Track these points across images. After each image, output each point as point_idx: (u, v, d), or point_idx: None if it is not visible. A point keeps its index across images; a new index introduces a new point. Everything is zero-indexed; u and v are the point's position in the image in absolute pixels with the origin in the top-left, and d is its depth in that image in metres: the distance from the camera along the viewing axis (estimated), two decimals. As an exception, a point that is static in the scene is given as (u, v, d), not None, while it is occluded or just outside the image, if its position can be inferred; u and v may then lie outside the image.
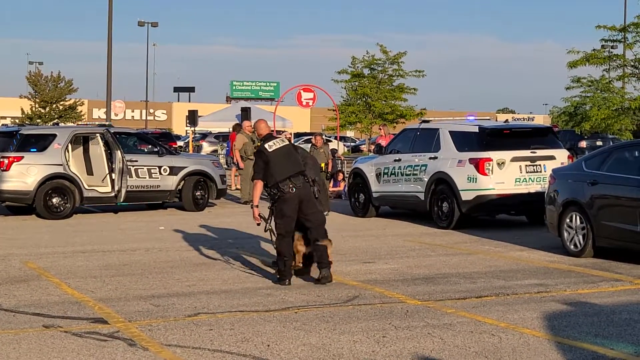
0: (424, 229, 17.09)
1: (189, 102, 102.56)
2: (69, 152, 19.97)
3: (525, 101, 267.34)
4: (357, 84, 42.58)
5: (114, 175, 19.91)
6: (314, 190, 11.05)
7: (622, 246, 12.47)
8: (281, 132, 22.84)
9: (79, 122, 63.61)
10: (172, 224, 17.93)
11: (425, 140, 18.10)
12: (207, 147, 52.93)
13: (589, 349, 7.55)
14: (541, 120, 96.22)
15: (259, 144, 11.50)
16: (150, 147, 21.70)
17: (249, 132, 22.16)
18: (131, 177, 19.93)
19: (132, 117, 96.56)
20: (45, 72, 69.21)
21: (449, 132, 17.53)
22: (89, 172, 20.64)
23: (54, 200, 19.20)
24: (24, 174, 19.02)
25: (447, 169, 17.05)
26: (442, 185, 17.16)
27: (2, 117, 78.51)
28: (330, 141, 26.75)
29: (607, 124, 36.86)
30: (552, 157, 16.78)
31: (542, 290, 10.37)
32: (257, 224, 11.10)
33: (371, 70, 42.54)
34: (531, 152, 16.78)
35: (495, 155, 16.49)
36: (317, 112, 73.38)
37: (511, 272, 11.75)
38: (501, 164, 16.47)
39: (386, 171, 18.91)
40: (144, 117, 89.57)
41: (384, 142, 21.32)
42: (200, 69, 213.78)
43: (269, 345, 7.72)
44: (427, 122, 19.09)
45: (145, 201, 20.99)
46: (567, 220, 13.13)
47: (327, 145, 26.89)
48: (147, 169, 20.32)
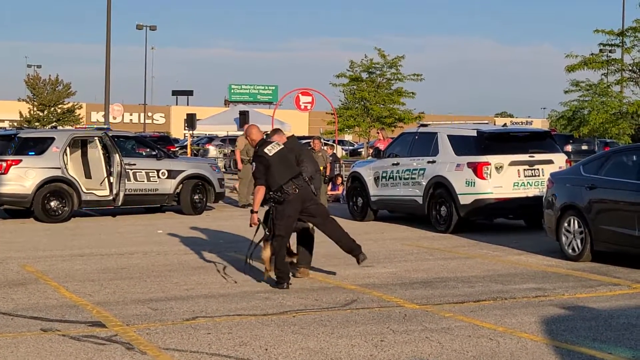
0: (422, 233, 17.10)
1: (187, 105, 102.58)
2: (67, 155, 19.96)
3: (523, 105, 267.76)
4: (355, 87, 42.57)
5: (112, 178, 19.90)
6: (312, 188, 11.30)
7: (620, 250, 12.48)
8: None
9: (77, 126, 63.57)
10: (171, 227, 17.92)
11: (423, 144, 18.11)
12: (213, 151, 52.44)
13: (587, 354, 7.55)
14: (539, 124, 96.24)
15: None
16: (148, 150, 21.69)
17: None
18: (129, 180, 19.93)
19: (131, 120, 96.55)
20: (43, 75, 69.09)
21: (447, 136, 17.54)
22: (87, 175, 20.64)
23: (52, 203, 19.19)
24: (22, 177, 19.00)
25: (445, 173, 17.06)
26: (440, 189, 17.17)
27: (0, 120, 78.48)
28: (332, 146, 26.69)
29: (605, 128, 36.90)
30: (550, 161, 16.79)
31: (540, 294, 10.37)
32: (251, 225, 11.22)
33: (369, 74, 42.53)
34: (529, 156, 16.79)
35: (493, 159, 16.50)
36: (316, 115, 73.40)
37: (509, 276, 11.75)
38: (499, 168, 16.48)
39: (384, 175, 18.92)
40: (142, 121, 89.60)
41: (382, 146, 21.33)
42: (198, 73, 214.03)
43: (267, 349, 7.72)
44: (426, 126, 19.10)
45: (143, 204, 20.99)
46: (565, 224, 13.14)
47: (333, 148, 26.91)
48: (146, 172, 20.31)
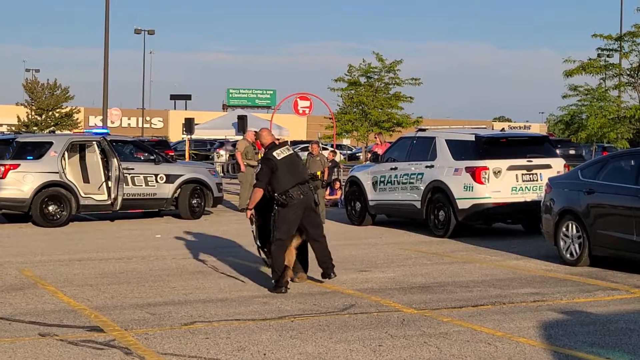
0: (420, 238, 17.10)
1: (186, 109, 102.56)
2: (65, 159, 19.96)
3: (521, 109, 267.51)
4: (353, 92, 42.55)
5: (110, 183, 19.91)
6: (315, 198, 11.42)
7: (618, 255, 12.48)
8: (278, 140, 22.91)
9: (75, 130, 63.57)
10: (169, 232, 17.92)
11: (421, 148, 18.12)
12: (225, 156, 51.74)
13: (585, 358, 7.56)
14: (537, 128, 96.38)
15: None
16: (146, 155, 21.70)
17: (250, 139, 22.48)
18: (127, 185, 19.93)
19: (129, 124, 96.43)
20: (41, 79, 69.11)
21: (446, 140, 17.55)
22: (86, 180, 20.64)
23: (50, 208, 19.19)
24: (20, 182, 19.01)
25: (443, 177, 17.07)
26: (438, 193, 17.18)
27: (-2, 125, 78.46)
28: (334, 152, 26.62)
29: (603, 133, 36.92)
30: (548, 166, 16.80)
31: (539, 299, 10.37)
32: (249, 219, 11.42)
33: (367, 78, 42.50)
34: (527, 161, 16.80)
35: (491, 164, 16.50)
36: (314, 120, 73.49)
37: (507, 280, 11.76)
38: (497, 173, 16.48)
39: (382, 179, 18.93)
40: (141, 125, 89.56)
41: (380, 151, 21.33)
42: (196, 77, 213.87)
43: (265, 354, 7.72)
44: (424, 130, 19.11)
45: (141, 209, 20.98)
46: (563, 229, 13.15)
47: (335, 154, 26.88)
48: (144, 176, 20.32)
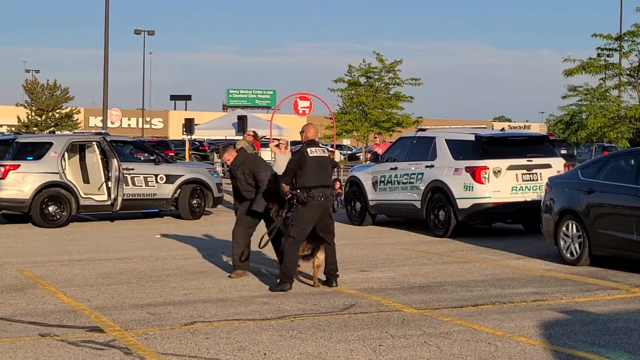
0: (420, 237, 17.10)
1: (186, 110, 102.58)
2: (65, 160, 19.97)
3: (521, 109, 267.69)
4: (353, 92, 42.59)
5: (110, 183, 19.91)
6: (334, 204, 11.27)
7: (618, 254, 12.48)
8: (278, 140, 22.89)
9: (75, 131, 63.57)
10: (169, 232, 17.93)
11: (421, 148, 18.12)
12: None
13: (586, 358, 7.55)
14: (537, 128, 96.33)
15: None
16: (146, 155, 21.70)
17: (248, 139, 22.46)
18: (127, 185, 19.94)
19: (129, 125, 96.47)
20: (41, 80, 69.13)
21: (446, 140, 17.55)
22: (86, 180, 20.65)
23: (50, 208, 19.20)
24: (20, 182, 19.02)
25: (443, 177, 17.07)
26: (438, 193, 17.18)
27: (-2, 125, 78.48)
28: (332, 151, 26.59)
29: (603, 133, 36.93)
30: (548, 166, 16.80)
31: (539, 298, 10.37)
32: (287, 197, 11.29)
33: (367, 78, 42.55)
34: (527, 161, 16.80)
35: (491, 163, 16.51)
36: (314, 120, 73.29)
37: (507, 280, 11.76)
38: (497, 173, 16.49)
39: (382, 179, 18.93)
40: (141, 126, 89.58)
41: (380, 151, 21.34)
42: (196, 77, 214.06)
43: (265, 354, 7.72)
44: (424, 130, 19.11)
45: (141, 209, 20.99)
46: (564, 228, 13.15)
47: (333, 153, 26.89)
48: (144, 177, 20.32)
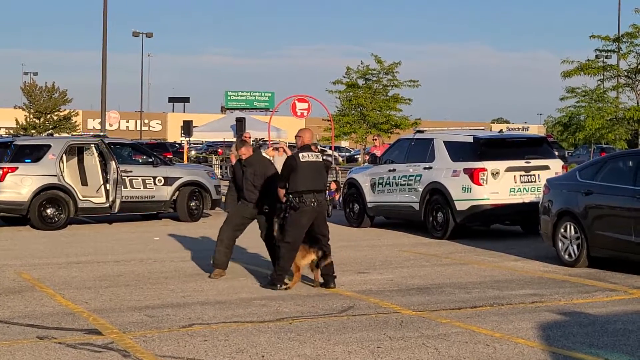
0: (418, 239, 17.10)
1: (184, 112, 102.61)
2: (63, 162, 19.96)
3: (519, 111, 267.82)
4: (351, 94, 42.52)
5: (108, 185, 19.89)
6: (328, 209, 11.39)
7: (616, 256, 12.49)
8: (276, 142, 22.93)
9: (73, 133, 63.55)
10: (167, 234, 17.92)
11: (419, 150, 18.12)
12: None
13: (584, 359, 7.55)
14: (536, 130, 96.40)
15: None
16: (144, 157, 21.70)
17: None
18: (126, 187, 19.92)
19: (127, 127, 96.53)
20: (40, 82, 69.18)
21: (444, 142, 17.56)
22: (84, 182, 20.63)
23: (49, 211, 19.18)
24: (18, 185, 19.00)
25: (441, 179, 17.07)
26: (436, 195, 17.18)
27: (-4, 128, 78.46)
28: (325, 151, 26.57)
29: (601, 134, 36.92)
30: (546, 167, 16.81)
31: (537, 300, 10.37)
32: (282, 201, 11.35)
33: (366, 80, 42.46)
34: (525, 162, 16.81)
35: (489, 165, 16.51)
36: (312, 122, 73.33)
37: (506, 282, 11.75)
38: (496, 174, 16.49)
39: (381, 181, 18.93)
40: (139, 128, 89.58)
41: (378, 152, 21.34)
42: (195, 79, 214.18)
43: (263, 356, 7.71)
44: (422, 132, 19.11)
45: (139, 212, 20.98)
46: (562, 230, 13.15)
47: (323, 153, 26.91)
48: (142, 179, 20.32)
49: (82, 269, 13.15)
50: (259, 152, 12.84)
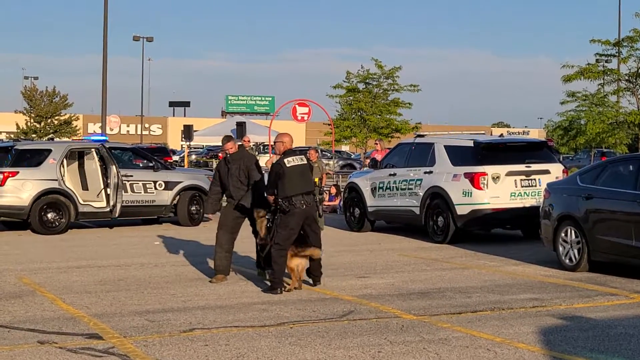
0: (419, 244, 17.10)
1: (185, 116, 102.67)
2: (64, 167, 19.97)
3: (520, 115, 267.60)
4: (352, 98, 42.53)
5: (109, 190, 19.90)
6: (318, 210, 11.65)
7: (617, 260, 12.48)
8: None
9: (73, 137, 63.58)
10: (168, 239, 17.91)
11: (420, 154, 18.13)
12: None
13: (585, 364, 7.56)
14: (536, 134, 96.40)
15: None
16: (145, 162, 21.70)
17: (246, 146, 22.43)
18: (126, 192, 19.93)
19: (128, 131, 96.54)
20: (40, 86, 69.25)
21: (444, 146, 17.56)
22: (84, 187, 20.64)
23: (49, 215, 19.19)
24: (19, 189, 19.01)
25: (442, 183, 17.07)
26: (437, 199, 17.18)
27: (-3, 132, 78.49)
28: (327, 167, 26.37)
29: (602, 138, 36.94)
30: (547, 172, 16.81)
31: (538, 304, 10.37)
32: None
33: (366, 84, 42.48)
34: (526, 167, 16.81)
35: (490, 169, 16.51)
36: (312, 126, 73.45)
37: (506, 286, 11.75)
38: (496, 178, 16.49)
39: (381, 186, 18.93)
40: (139, 132, 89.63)
41: (379, 157, 21.34)
42: (195, 84, 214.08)
43: (264, 360, 7.71)
44: (422, 136, 19.12)
45: (140, 216, 20.99)
46: (562, 234, 13.14)
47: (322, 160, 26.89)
48: (143, 183, 20.33)
49: (83, 273, 13.15)
50: (244, 147, 12.96)
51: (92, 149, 20.50)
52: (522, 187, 16.64)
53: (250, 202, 12.13)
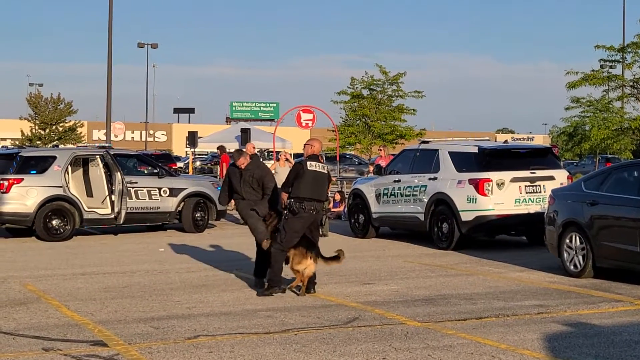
0: (423, 250, 17.09)
1: (189, 123, 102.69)
2: (68, 174, 20.00)
3: (524, 121, 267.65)
4: (356, 104, 42.54)
5: (113, 197, 19.92)
6: (323, 218, 11.71)
7: (622, 266, 12.46)
8: (280, 152, 22.95)
9: (78, 144, 63.65)
10: (172, 245, 17.92)
11: (424, 160, 18.12)
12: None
13: (590, 371, 7.54)
14: (541, 140, 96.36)
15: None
16: (150, 168, 21.72)
17: (249, 152, 22.35)
18: (131, 198, 19.95)
19: (132, 138, 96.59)
20: (45, 93, 69.42)
21: (449, 152, 17.55)
22: (89, 193, 20.66)
23: (54, 222, 19.20)
24: (23, 196, 19.04)
25: (446, 189, 17.07)
26: (441, 205, 17.17)
27: (2, 139, 78.54)
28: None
29: (606, 144, 36.91)
30: (551, 178, 16.79)
31: (543, 311, 10.36)
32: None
33: (370, 90, 42.49)
34: (531, 173, 16.79)
35: (494, 175, 16.50)
36: (317, 133, 73.33)
37: (511, 293, 11.74)
38: (501, 185, 16.48)
39: (386, 192, 18.93)
40: (144, 139, 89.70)
41: (383, 163, 21.34)
42: (200, 90, 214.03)
43: (268, 367, 7.70)
44: (427, 142, 19.13)
45: (145, 223, 21.00)
46: (567, 240, 13.13)
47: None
48: (147, 190, 20.34)
49: (88, 280, 13.16)
50: (257, 157, 12.95)
51: (97, 156, 20.53)
52: (526, 193, 16.63)
53: (264, 210, 12.13)
